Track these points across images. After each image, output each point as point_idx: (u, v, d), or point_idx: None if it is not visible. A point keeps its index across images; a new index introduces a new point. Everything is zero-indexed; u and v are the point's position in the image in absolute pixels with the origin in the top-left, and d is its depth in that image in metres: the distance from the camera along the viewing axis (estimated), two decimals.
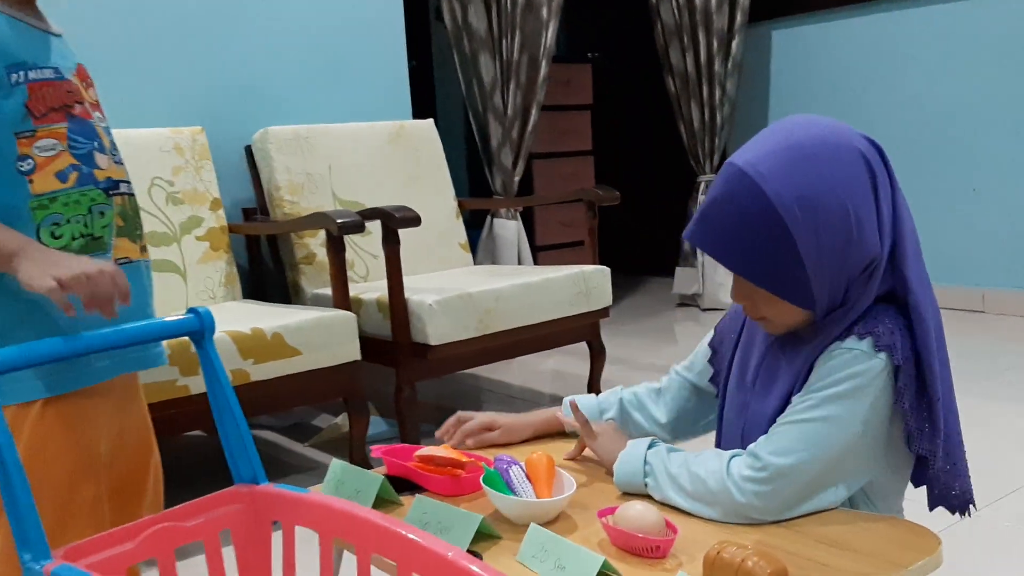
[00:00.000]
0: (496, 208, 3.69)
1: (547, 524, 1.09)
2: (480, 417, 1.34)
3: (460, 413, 1.38)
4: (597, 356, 2.86)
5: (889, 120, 4.11)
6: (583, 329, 2.79)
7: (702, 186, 4.31)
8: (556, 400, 3.23)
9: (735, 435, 1.18)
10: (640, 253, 5.34)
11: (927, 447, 1.04)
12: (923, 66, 4.03)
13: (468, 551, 1.03)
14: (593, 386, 2.89)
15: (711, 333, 1.29)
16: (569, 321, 2.69)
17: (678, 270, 4.43)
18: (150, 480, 1.29)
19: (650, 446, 1.15)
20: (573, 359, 3.40)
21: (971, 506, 1.10)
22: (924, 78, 4.03)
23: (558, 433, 1.38)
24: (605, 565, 0.94)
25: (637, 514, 1.03)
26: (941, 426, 1.04)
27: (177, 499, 1.08)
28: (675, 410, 1.30)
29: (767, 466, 1.03)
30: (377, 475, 1.20)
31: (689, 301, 4.47)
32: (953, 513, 1.10)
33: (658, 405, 1.31)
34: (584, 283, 2.69)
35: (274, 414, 2.86)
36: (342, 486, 1.23)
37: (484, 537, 1.06)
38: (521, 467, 1.17)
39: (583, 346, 2.90)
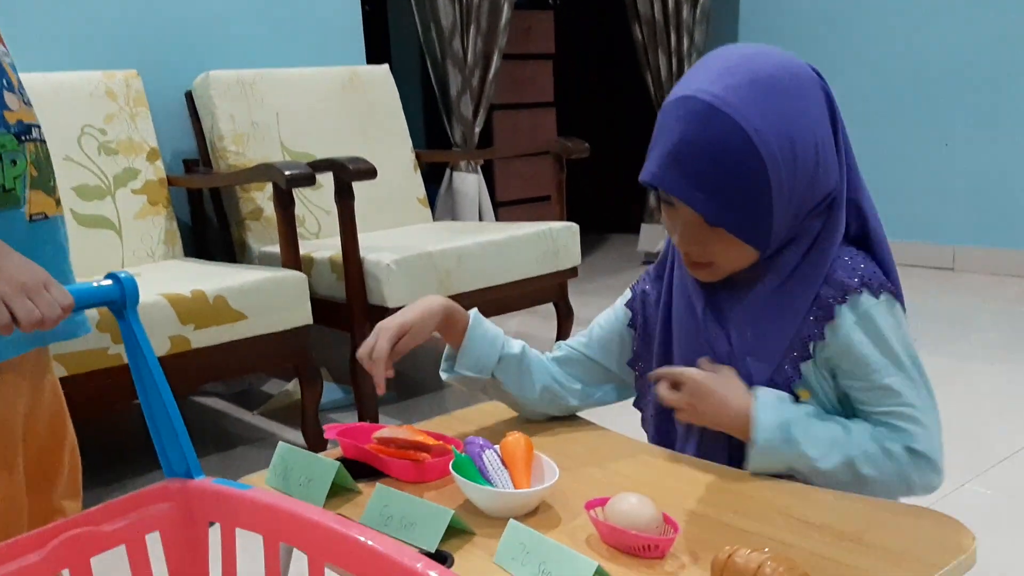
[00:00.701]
0: (456, 161, 3.52)
1: (525, 516, 0.96)
2: (384, 336, 1.11)
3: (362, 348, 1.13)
4: (565, 318, 2.72)
5: (859, 72, 4.01)
6: (550, 290, 2.65)
7: None
8: None
9: None
10: (603, 209, 5.22)
11: None
12: (895, 17, 3.93)
13: (437, 551, 0.90)
14: None
15: (624, 297, 1.21)
16: (536, 281, 2.55)
17: (643, 226, 4.32)
18: (64, 465, 1.14)
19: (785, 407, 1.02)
20: (537, 320, 3.27)
21: None
22: (895, 29, 3.94)
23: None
24: (599, 572, 0.81)
25: (631, 508, 0.91)
26: None
27: (107, 485, 0.93)
28: (578, 381, 1.21)
29: (937, 462, 1.00)
30: (331, 461, 1.05)
31: (655, 259, 4.35)
32: None
33: (563, 371, 1.21)
34: (552, 241, 2.55)
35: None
36: (290, 474, 1.08)
37: (454, 532, 0.93)
38: (495, 451, 1.04)
39: (547, 307, 2.77)
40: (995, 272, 3.75)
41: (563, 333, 2.75)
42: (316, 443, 2.17)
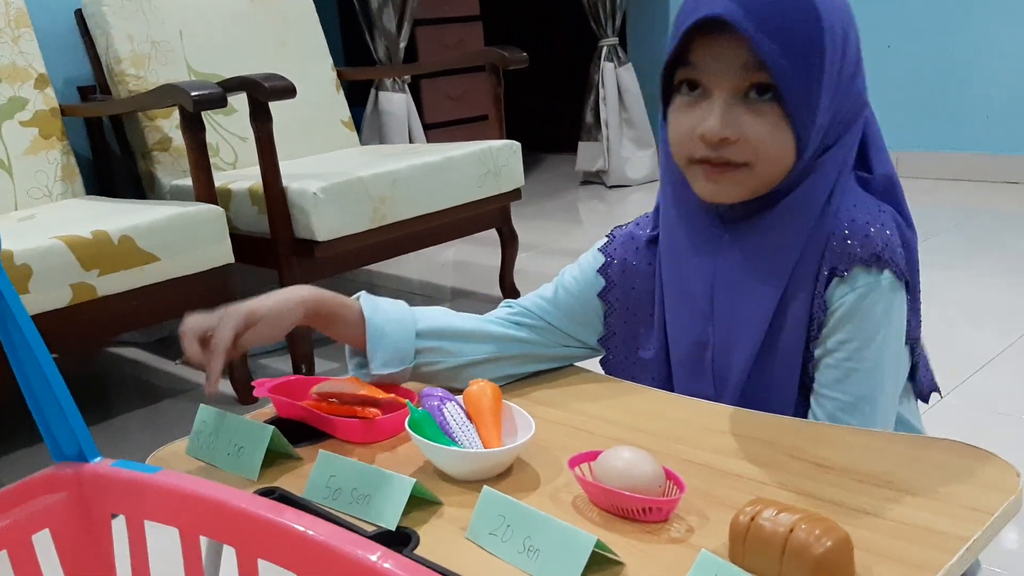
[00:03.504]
0: (381, 78, 3.28)
1: (498, 479, 0.82)
2: (227, 322, 0.92)
3: (190, 323, 0.93)
4: (509, 243, 2.56)
5: None
6: (492, 214, 2.47)
7: (604, 51, 3.98)
8: (460, 294, 3.00)
9: (701, 369, 0.96)
10: (536, 127, 5.01)
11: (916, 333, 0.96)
12: None
13: (399, 529, 0.74)
14: (506, 278, 2.60)
15: (595, 260, 1.03)
16: (477, 206, 2.37)
17: (581, 145, 4.14)
18: None
19: None
20: (476, 248, 3.11)
21: (937, 392, 1.03)
22: None
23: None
24: (600, 547, 0.67)
25: (627, 464, 0.76)
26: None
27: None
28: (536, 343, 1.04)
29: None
30: (263, 425, 0.89)
31: (593, 178, 4.21)
32: (924, 401, 1.03)
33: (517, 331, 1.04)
34: (492, 161, 2.37)
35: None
36: (216, 442, 0.91)
37: (417, 503, 0.78)
38: (458, 403, 0.89)
39: (487, 235, 2.59)
40: (940, 176, 3.70)
41: (508, 260, 2.59)
42: (247, 393, 1.98)
